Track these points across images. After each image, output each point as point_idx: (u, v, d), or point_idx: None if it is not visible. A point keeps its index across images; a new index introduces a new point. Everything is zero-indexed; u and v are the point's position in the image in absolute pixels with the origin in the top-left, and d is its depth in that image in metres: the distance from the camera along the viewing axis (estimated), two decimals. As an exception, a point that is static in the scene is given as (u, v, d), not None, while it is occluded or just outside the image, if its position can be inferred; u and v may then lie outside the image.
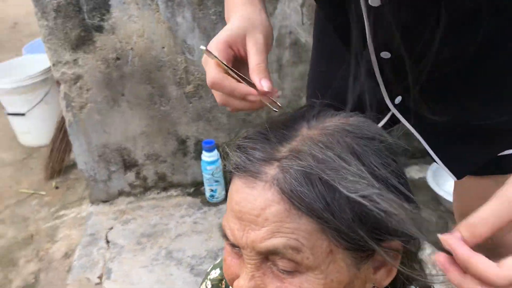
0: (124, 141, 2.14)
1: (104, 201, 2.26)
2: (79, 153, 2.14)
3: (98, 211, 2.23)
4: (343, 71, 0.99)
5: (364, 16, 0.77)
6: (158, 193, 2.29)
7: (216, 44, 0.70)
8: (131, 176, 2.23)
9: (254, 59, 0.68)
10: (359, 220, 0.54)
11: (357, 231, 0.54)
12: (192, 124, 2.14)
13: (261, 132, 0.60)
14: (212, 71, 0.68)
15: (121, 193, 2.26)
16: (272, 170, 0.56)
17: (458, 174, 0.97)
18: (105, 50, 1.96)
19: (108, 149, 2.15)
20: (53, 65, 1.96)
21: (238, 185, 0.58)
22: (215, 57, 0.68)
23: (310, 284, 0.56)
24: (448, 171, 0.98)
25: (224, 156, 0.62)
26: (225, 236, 0.61)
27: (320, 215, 0.54)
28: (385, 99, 0.92)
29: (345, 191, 0.52)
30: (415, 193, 0.61)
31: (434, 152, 0.96)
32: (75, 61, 1.96)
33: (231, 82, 0.67)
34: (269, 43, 0.75)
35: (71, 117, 2.06)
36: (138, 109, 2.08)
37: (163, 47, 1.97)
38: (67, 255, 2.12)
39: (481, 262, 0.46)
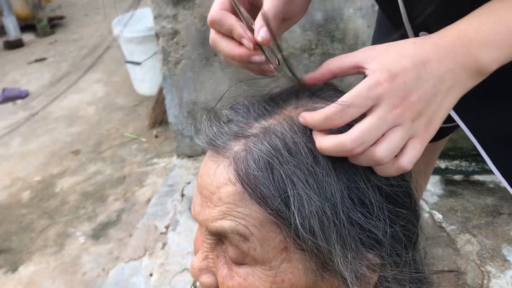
0: (213, 101, 2.16)
1: (189, 156, 2.33)
2: (170, 107, 2.21)
3: (182, 164, 2.31)
4: None
5: None
6: (239, 157, 2.30)
7: None
8: (215, 136, 2.26)
9: (266, 5, 0.57)
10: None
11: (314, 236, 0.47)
12: (279, 92, 2.08)
13: (245, 104, 0.55)
14: (215, 7, 0.58)
15: (204, 151, 2.31)
16: (237, 147, 0.50)
17: None
18: (203, 8, 1.97)
19: (196, 106, 2.19)
20: (155, 18, 2.03)
21: (206, 158, 0.55)
22: None
23: (256, 279, 0.50)
24: (509, 187, 0.82)
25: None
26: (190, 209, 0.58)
27: (272, 207, 0.47)
28: None
29: (297, 218, 0.47)
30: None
31: (492, 160, 0.80)
32: (174, 16, 2.00)
33: (231, 20, 0.57)
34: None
35: (167, 71, 2.13)
36: (229, 71, 2.08)
37: (259, 10, 1.92)
38: (149, 201, 2.24)
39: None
